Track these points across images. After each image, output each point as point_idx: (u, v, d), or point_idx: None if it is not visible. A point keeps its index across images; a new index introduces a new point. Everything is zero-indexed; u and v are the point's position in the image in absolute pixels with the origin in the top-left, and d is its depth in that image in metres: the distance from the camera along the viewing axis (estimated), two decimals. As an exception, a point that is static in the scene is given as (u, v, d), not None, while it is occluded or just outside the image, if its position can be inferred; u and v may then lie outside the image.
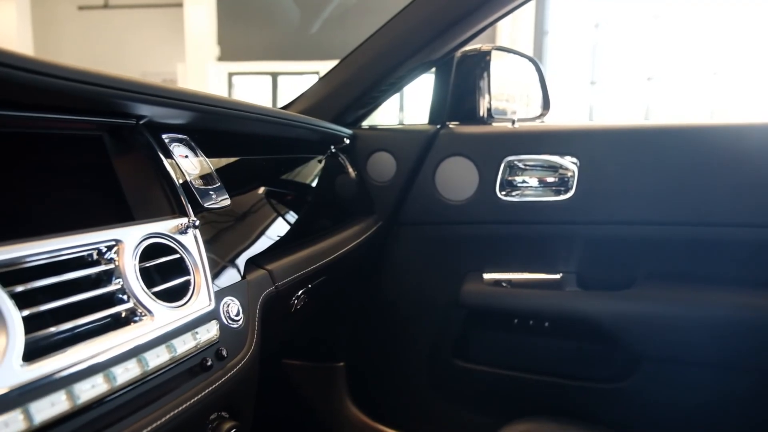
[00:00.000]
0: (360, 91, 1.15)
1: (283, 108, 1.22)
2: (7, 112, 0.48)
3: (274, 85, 11.77)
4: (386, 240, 1.23)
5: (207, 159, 0.69)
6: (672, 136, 1.07)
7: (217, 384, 0.54)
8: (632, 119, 9.84)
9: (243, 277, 0.68)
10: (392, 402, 1.32)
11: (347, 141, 1.15)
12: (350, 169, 1.17)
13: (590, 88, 10.43)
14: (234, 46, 11.45)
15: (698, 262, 1.07)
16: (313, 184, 1.09)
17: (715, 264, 1.06)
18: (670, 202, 1.05)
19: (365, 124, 1.27)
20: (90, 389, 0.42)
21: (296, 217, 0.93)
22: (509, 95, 1.37)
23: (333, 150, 1.13)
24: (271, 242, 0.80)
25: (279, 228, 0.85)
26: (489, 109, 1.22)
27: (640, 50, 9.88)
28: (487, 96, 1.22)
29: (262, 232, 0.80)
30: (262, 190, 0.88)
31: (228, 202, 0.68)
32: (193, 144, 0.68)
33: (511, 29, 9.68)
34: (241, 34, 11.34)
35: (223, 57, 11.62)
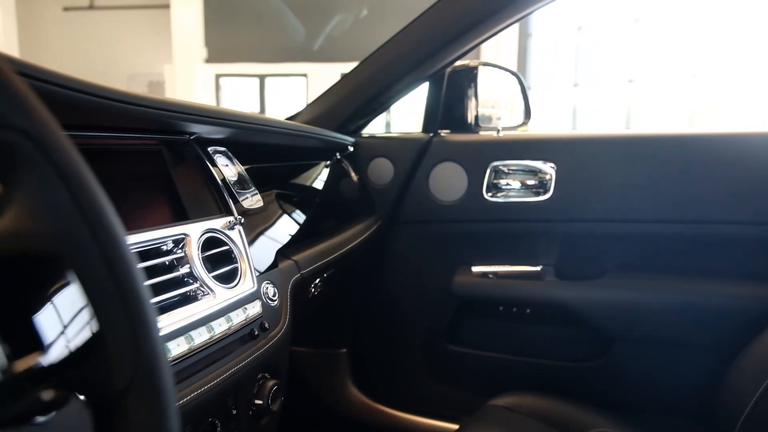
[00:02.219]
0: (362, 103, 1.28)
1: (291, 118, 1.34)
2: (98, 134, 0.61)
3: (261, 86, 11.81)
4: (385, 237, 1.36)
5: (242, 167, 0.82)
6: (637, 144, 1.21)
7: (262, 350, 0.67)
8: (614, 120, 10.03)
9: (275, 266, 0.81)
10: (391, 384, 1.45)
11: (351, 148, 1.28)
12: (353, 174, 1.30)
13: (573, 89, 10.64)
14: (221, 47, 11.46)
15: (661, 255, 1.22)
16: (322, 187, 1.22)
17: (676, 256, 1.21)
18: (636, 202, 1.20)
19: (365, 132, 1.40)
20: (176, 347, 0.55)
21: (310, 215, 1.06)
22: (495, 102, 1.51)
23: (338, 156, 1.26)
24: (293, 237, 0.93)
25: (298, 225, 0.98)
26: (476, 119, 1.36)
27: (622, 53, 10.09)
28: (474, 107, 1.36)
29: (286, 229, 0.93)
30: (280, 192, 1.01)
31: (261, 203, 0.81)
32: (230, 154, 0.81)
33: (496, 32, 9.80)
34: (229, 36, 11.35)
35: (211, 59, 11.63)
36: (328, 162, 1.25)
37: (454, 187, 1.30)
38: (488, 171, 1.27)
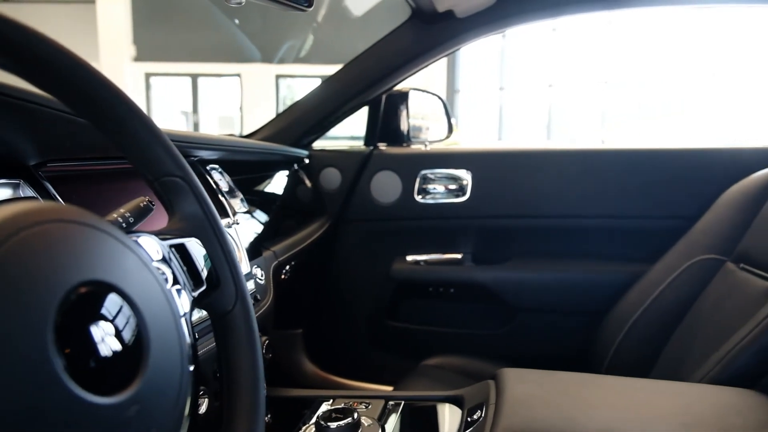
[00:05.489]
0: (313, 122, 1.54)
1: (251, 134, 1.58)
2: None
3: (194, 86, 11.68)
4: (335, 233, 1.63)
5: (231, 179, 1.07)
6: (536, 156, 1.55)
7: (258, 314, 0.92)
8: (536, 121, 10.68)
9: (260, 254, 1.06)
10: (340, 357, 1.71)
11: (306, 160, 1.54)
12: (307, 181, 1.56)
13: (499, 92, 11.24)
14: (151, 46, 11.21)
15: (552, 243, 1.56)
16: (283, 192, 1.47)
17: (563, 243, 1.56)
18: (535, 202, 1.53)
19: (316, 145, 1.66)
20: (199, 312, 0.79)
21: (277, 216, 1.32)
22: (424, 115, 1.82)
23: (296, 167, 1.52)
24: (266, 233, 1.19)
25: (269, 224, 1.24)
26: (408, 135, 1.65)
27: (542, 60, 10.77)
28: (407, 125, 1.65)
29: (260, 226, 1.18)
30: (253, 198, 1.26)
31: (246, 207, 1.06)
32: (222, 170, 1.06)
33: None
34: (159, 34, 11.12)
35: (140, 57, 11.36)
36: (288, 172, 1.51)
37: (391, 191, 1.58)
38: (418, 178, 1.57)
